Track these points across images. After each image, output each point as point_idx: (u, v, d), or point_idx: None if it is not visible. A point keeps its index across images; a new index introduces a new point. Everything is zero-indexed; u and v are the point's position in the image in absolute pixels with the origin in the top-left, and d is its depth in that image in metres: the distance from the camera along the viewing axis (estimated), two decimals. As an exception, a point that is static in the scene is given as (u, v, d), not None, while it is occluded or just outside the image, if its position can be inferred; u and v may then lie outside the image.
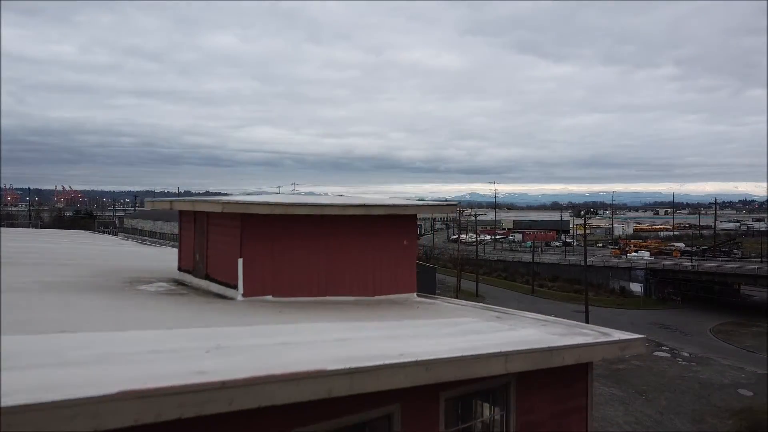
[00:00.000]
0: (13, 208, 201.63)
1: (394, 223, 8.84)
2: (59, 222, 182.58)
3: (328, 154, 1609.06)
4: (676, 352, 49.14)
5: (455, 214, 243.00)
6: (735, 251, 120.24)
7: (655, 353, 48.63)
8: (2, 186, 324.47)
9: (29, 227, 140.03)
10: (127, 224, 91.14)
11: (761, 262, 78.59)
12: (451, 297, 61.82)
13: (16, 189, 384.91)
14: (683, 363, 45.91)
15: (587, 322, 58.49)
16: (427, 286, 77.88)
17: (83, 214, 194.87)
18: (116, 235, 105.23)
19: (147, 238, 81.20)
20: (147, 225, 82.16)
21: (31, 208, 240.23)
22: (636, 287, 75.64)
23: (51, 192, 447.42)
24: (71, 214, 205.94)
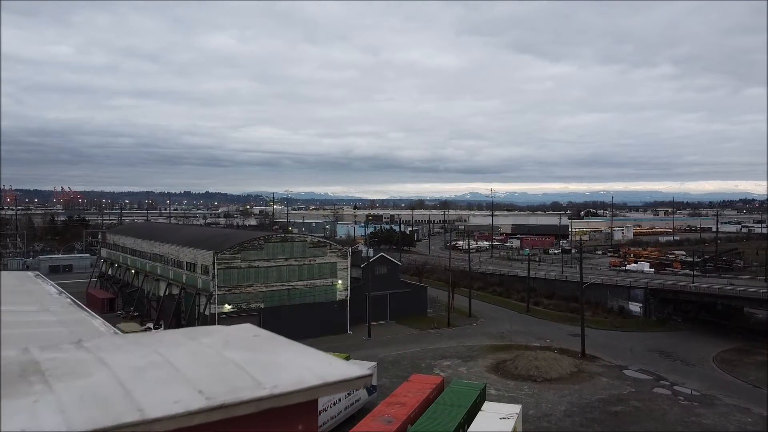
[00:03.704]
0: (8, 212, 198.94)
1: (281, 413, 5.28)
2: (52, 227, 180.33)
3: (327, 154, 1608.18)
4: (677, 388, 46.26)
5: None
6: (737, 261, 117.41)
7: (655, 390, 45.84)
8: (1, 187, 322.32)
9: (17, 234, 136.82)
10: (110, 240, 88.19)
11: (766, 279, 75.47)
12: (444, 316, 58.18)
13: (16, 190, 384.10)
14: (685, 402, 43.04)
15: (583, 347, 55.60)
16: (419, 306, 75.57)
17: (75, 220, 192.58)
18: (97, 252, 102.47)
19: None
20: (128, 242, 79.21)
21: (26, 212, 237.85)
22: (635, 307, 72.74)
23: (50, 193, 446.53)
24: (65, 218, 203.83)
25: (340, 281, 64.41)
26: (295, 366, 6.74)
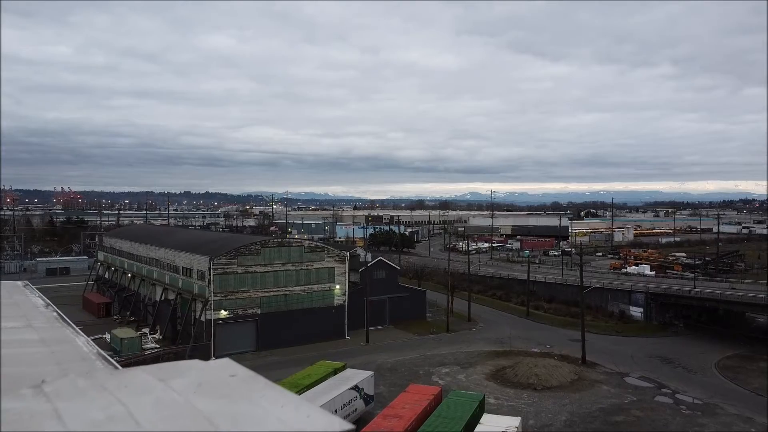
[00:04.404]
0: (6, 213, 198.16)
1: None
2: (50, 228, 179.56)
3: (327, 154, 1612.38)
4: (679, 396, 45.57)
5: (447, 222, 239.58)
6: (738, 263, 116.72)
7: (657, 398, 45.14)
8: (1, 187, 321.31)
9: (14, 236, 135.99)
10: (106, 243, 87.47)
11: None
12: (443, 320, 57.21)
13: (16, 190, 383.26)
14: (687, 412, 42.35)
15: (583, 353, 54.83)
16: (418, 310, 74.82)
17: (74, 221, 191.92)
18: (94, 254, 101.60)
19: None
20: (124, 245, 78.48)
21: (24, 212, 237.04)
22: (636, 312, 72.02)
23: (50, 193, 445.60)
24: (64, 219, 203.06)
25: (338, 286, 63.73)
26: (269, 418, 5.91)
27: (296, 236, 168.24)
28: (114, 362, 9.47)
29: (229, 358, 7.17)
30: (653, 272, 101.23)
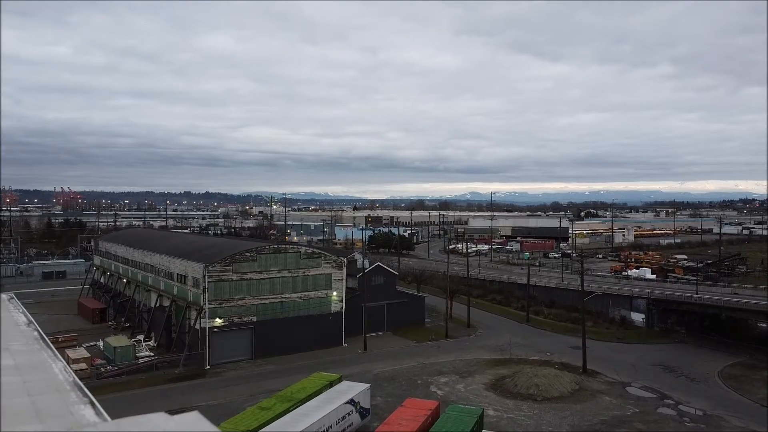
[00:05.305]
0: (4, 215, 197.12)
1: None
2: (49, 230, 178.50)
3: (327, 153, 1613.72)
4: (682, 407, 44.64)
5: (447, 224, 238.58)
6: (740, 267, 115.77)
7: (659, 410, 44.19)
8: (1, 187, 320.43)
9: (10, 239, 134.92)
10: (102, 247, 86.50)
11: (769, 289, 73.80)
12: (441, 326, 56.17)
13: (16, 190, 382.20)
14: (690, 424, 41.41)
15: (584, 362, 53.92)
16: (416, 316, 73.70)
17: (72, 222, 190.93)
18: (90, 257, 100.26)
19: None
20: (120, 250, 77.53)
21: (23, 213, 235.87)
22: (637, 317, 71.06)
23: (50, 193, 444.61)
24: (62, 221, 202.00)
25: (335, 292, 62.79)
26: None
27: (295, 238, 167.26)
28: (90, 394, 8.47)
29: (198, 413, 6.06)
30: (654, 276, 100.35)
